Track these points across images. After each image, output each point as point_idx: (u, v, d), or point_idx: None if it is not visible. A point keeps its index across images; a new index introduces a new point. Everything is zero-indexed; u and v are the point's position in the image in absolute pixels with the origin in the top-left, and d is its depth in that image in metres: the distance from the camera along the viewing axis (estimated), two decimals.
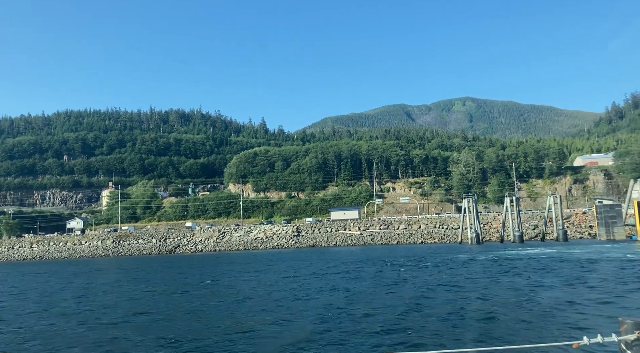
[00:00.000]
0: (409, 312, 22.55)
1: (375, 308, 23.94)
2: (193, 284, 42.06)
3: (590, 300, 24.33)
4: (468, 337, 17.13)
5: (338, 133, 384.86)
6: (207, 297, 32.32)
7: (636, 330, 5.43)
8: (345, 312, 23.42)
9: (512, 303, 24.37)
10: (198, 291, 37.04)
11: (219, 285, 39.95)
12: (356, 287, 33.53)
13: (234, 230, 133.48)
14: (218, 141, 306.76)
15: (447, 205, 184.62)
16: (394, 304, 25.23)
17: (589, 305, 22.73)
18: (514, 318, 20.26)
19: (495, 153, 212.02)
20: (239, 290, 35.69)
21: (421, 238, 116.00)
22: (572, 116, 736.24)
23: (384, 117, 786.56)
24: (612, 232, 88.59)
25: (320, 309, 24.54)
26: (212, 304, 28.96)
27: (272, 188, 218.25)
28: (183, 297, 33.72)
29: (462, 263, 50.64)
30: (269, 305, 27.16)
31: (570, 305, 23.09)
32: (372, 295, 29.37)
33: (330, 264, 56.73)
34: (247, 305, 27.97)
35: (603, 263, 45.05)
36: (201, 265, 70.14)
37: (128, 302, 32.50)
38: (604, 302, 23.46)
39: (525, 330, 18.20)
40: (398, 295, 28.73)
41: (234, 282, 42.16)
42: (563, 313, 21.08)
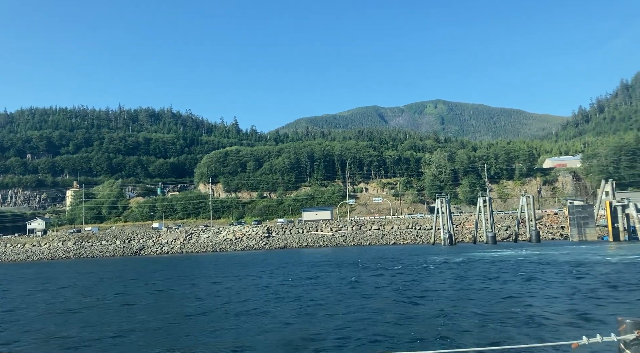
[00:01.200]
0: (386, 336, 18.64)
1: (342, 329, 19.53)
2: (141, 294, 36.74)
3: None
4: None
5: (311, 133, 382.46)
6: (151, 311, 27.39)
7: (635, 329, 5.40)
8: (307, 334, 18.95)
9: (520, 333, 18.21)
10: (144, 300, 32.36)
11: (171, 295, 35.13)
12: (322, 297, 29.65)
13: (202, 232, 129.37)
14: (189, 140, 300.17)
15: (419, 206, 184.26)
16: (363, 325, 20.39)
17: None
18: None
19: (466, 154, 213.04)
20: (191, 302, 30.92)
21: (394, 239, 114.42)
22: (541, 119, 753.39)
23: (358, 118, 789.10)
24: (584, 233, 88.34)
25: (278, 334, 19.60)
26: (152, 323, 23.50)
27: (244, 188, 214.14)
28: (120, 312, 27.63)
29: (436, 266, 48.54)
30: (222, 323, 22.10)
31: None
32: (339, 306, 25.63)
33: (298, 268, 53.53)
34: (195, 323, 22.69)
35: (591, 266, 42.89)
36: (162, 269, 66.40)
37: (45, 319, 26.37)
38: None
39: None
40: (371, 311, 24.21)
41: (189, 290, 37.62)
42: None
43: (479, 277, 36.38)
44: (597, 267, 41.04)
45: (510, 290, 29.07)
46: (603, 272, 36.86)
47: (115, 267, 76.72)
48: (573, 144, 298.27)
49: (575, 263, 45.24)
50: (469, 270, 41.80)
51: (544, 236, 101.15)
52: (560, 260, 48.97)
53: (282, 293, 31.50)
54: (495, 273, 38.79)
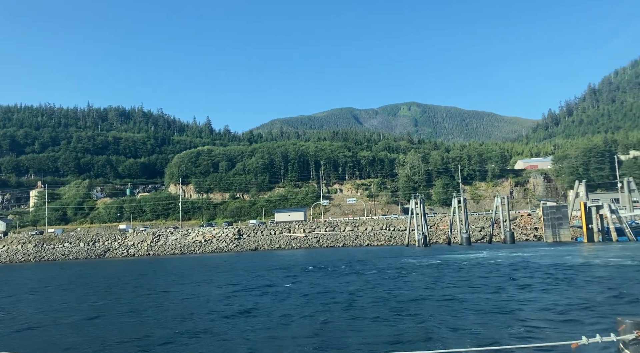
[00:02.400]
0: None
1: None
2: (80, 310, 29.78)
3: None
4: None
5: (286, 134, 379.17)
6: (79, 331, 22.22)
7: (634, 329, 5.42)
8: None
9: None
10: (77, 316, 27.03)
11: (115, 308, 29.93)
12: (284, 310, 25.35)
13: (170, 233, 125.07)
14: (160, 140, 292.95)
15: (393, 207, 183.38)
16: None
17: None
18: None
19: (440, 155, 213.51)
20: (136, 317, 25.79)
21: (367, 240, 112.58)
22: (511, 122, 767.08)
23: (333, 119, 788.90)
24: (558, 234, 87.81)
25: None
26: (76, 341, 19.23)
27: (216, 189, 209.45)
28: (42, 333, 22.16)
29: (413, 270, 46.18)
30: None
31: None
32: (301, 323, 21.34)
33: (262, 273, 50.08)
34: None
35: (584, 270, 39.44)
36: (123, 273, 62.79)
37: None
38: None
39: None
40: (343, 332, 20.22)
41: (139, 300, 32.60)
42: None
43: (462, 283, 33.21)
44: (589, 270, 38.54)
45: (501, 303, 24.22)
46: (597, 275, 34.84)
47: (75, 271, 72.50)
48: (543, 146, 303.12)
49: (561, 266, 42.72)
50: (446, 274, 39.52)
51: (518, 237, 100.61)
52: (543, 263, 46.85)
53: (230, 306, 26.74)
54: (478, 278, 36.27)
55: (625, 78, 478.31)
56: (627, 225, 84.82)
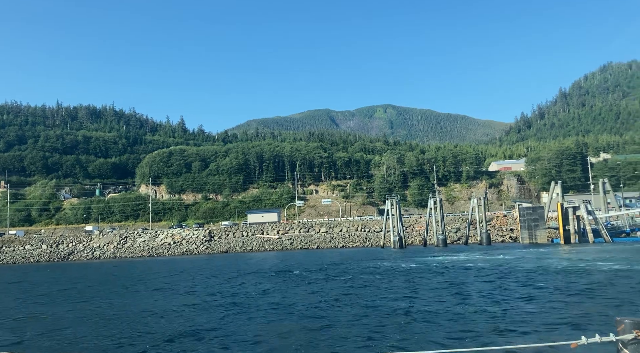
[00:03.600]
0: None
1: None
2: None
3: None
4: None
5: (262, 134, 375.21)
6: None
7: (633, 329, 5.47)
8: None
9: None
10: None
11: (38, 322, 25.71)
12: (234, 330, 21.40)
13: (138, 235, 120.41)
14: (132, 140, 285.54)
15: (369, 208, 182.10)
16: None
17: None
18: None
19: (415, 157, 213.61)
20: (53, 335, 21.77)
21: (342, 242, 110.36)
22: (485, 125, 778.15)
23: (309, 121, 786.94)
24: (534, 235, 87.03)
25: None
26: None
27: (189, 190, 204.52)
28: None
29: (391, 275, 43.65)
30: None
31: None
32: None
33: (229, 278, 46.13)
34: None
35: (578, 275, 35.69)
36: (78, 277, 58.98)
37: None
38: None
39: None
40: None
41: (72, 313, 28.16)
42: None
43: (447, 292, 29.40)
44: (584, 276, 35.30)
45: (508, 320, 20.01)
46: (594, 281, 31.91)
47: (28, 275, 68.08)
48: (517, 149, 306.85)
49: (547, 270, 39.55)
50: (427, 281, 36.51)
51: (494, 238, 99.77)
52: (528, 267, 44.08)
53: (177, 325, 22.79)
54: (461, 285, 32.31)
55: (594, 83, 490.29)
56: (603, 227, 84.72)
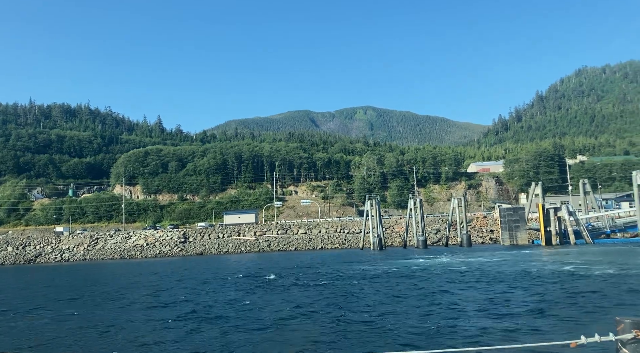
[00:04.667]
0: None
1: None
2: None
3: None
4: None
5: (241, 135, 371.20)
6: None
7: (633, 329, 5.46)
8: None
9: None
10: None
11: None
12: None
13: (109, 237, 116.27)
14: (107, 139, 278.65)
15: (348, 209, 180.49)
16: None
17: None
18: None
19: (395, 158, 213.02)
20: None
21: (321, 243, 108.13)
22: (463, 127, 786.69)
23: (289, 122, 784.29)
24: (515, 237, 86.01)
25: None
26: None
27: (165, 190, 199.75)
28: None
29: (367, 280, 40.69)
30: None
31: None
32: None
33: (196, 283, 42.94)
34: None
35: (574, 280, 32.98)
36: (36, 282, 55.63)
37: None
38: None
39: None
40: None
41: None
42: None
43: (429, 303, 25.89)
44: (578, 282, 32.23)
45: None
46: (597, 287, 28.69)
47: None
48: (495, 150, 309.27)
49: (540, 274, 36.86)
50: (409, 287, 33.21)
51: (474, 240, 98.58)
52: (514, 270, 41.66)
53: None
54: (450, 295, 28.24)
55: (570, 86, 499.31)
56: (584, 228, 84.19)
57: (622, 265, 42.06)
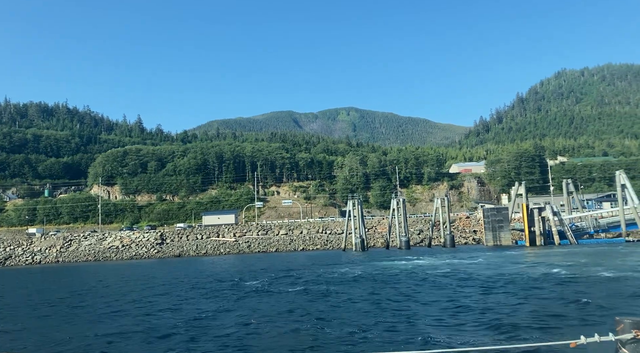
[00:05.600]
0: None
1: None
2: None
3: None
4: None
5: (222, 135, 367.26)
6: None
7: (633, 329, 5.47)
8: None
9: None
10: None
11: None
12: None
13: (83, 238, 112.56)
14: (85, 139, 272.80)
15: (331, 209, 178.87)
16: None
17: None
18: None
19: (378, 158, 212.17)
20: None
21: (302, 244, 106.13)
22: (445, 129, 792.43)
23: (272, 122, 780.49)
24: (498, 237, 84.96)
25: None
26: None
27: (144, 191, 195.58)
28: None
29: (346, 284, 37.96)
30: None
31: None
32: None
33: (164, 289, 39.08)
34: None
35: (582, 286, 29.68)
36: None
37: None
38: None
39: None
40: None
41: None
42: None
43: (419, 311, 22.99)
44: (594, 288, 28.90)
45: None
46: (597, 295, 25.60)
47: None
48: (476, 151, 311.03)
49: (538, 279, 33.33)
50: (390, 295, 29.83)
51: (457, 240, 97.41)
52: (501, 272, 38.77)
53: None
54: (441, 306, 24.30)
55: (549, 88, 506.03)
56: (568, 228, 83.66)
57: (616, 266, 40.64)
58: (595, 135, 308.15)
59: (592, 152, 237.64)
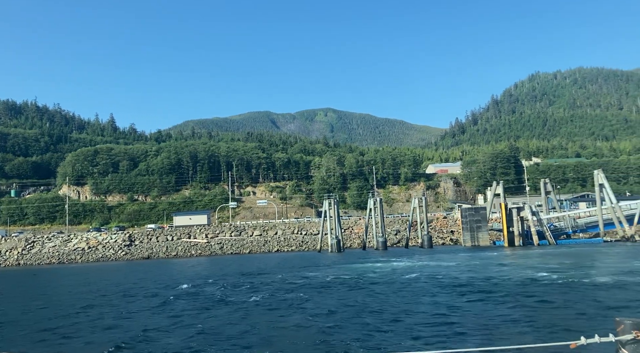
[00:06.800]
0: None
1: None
2: None
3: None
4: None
5: (198, 134, 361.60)
6: None
7: (633, 330, 5.46)
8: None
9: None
10: None
11: None
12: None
13: (47, 240, 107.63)
14: (55, 138, 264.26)
15: (307, 210, 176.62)
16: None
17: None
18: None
19: (355, 158, 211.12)
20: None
21: (277, 245, 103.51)
22: (421, 130, 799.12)
23: (249, 122, 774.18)
24: (476, 238, 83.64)
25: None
26: None
27: (115, 191, 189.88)
28: None
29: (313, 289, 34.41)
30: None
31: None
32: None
33: (120, 297, 34.60)
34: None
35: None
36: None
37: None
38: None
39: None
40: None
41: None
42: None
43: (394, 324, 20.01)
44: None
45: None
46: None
47: None
48: (452, 152, 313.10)
49: (526, 284, 30.69)
50: (366, 302, 27.00)
51: (435, 241, 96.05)
52: (485, 276, 36.04)
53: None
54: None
55: (523, 91, 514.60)
56: (547, 228, 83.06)
57: (608, 269, 39.01)
58: (568, 137, 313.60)
59: (566, 154, 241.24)
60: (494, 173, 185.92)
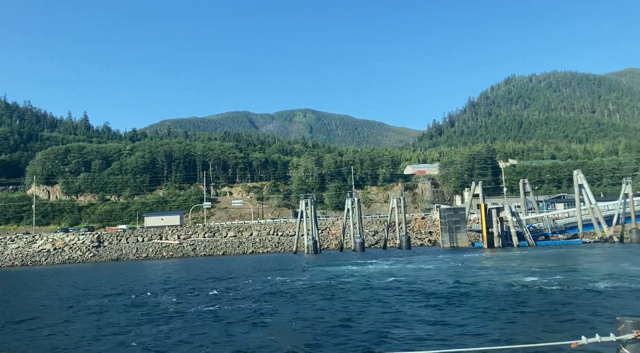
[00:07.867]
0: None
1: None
2: None
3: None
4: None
5: (174, 134, 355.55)
6: None
7: (634, 329, 5.46)
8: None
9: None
10: None
11: None
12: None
13: (10, 241, 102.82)
14: (26, 136, 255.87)
15: (285, 210, 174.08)
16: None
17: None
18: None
19: (333, 159, 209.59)
20: None
21: (252, 247, 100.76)
22: (399, 132, 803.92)
23: (227, 122, 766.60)
24: (455, 239, 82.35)
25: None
26: None
27: (87, 190, 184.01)
28: None
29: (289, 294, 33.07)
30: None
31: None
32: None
33: (72, 305, 31.88)
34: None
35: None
36: None
37: None
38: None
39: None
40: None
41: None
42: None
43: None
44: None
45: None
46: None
47: None
48: (430, 154, 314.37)
49: (516, 293, 28.27)
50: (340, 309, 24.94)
51: (413, 242, 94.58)
52: (478, 279, 34.28)
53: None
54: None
55: (500, 93, 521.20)
56: (527, 229, 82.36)
57: (599, 272, 37.60)
58: (543, 139, 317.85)
59: (541, 155, 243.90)
60: (471, 174, 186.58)
